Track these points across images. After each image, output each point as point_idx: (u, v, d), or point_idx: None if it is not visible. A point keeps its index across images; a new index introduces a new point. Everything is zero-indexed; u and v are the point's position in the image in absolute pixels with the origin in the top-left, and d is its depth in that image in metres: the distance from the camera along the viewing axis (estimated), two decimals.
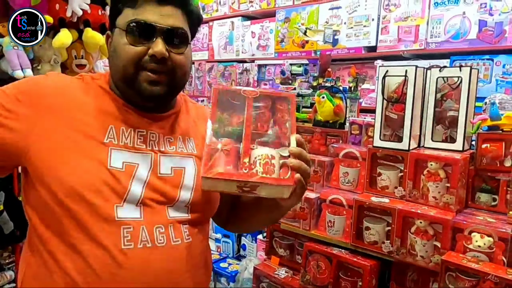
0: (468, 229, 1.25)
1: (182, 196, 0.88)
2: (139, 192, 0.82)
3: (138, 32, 0.82)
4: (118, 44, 0.84)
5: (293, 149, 0.79)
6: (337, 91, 1.81)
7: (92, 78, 0.91)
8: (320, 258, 1.54)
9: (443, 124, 1.46)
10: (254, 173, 0.75)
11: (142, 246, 0.80)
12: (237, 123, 0.82)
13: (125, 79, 0.85)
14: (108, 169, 0.80)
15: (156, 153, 0.87)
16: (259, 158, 0.77)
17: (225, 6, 3.66)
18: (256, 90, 0.85)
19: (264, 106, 0.85)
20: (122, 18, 0.85)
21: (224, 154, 0.77)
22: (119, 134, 0.84)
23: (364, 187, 1.54)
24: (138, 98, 0.86)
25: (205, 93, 3.90)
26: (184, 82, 0.91)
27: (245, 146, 0.78)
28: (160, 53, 0.81)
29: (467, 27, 2.28)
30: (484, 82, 2.23)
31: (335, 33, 2.81)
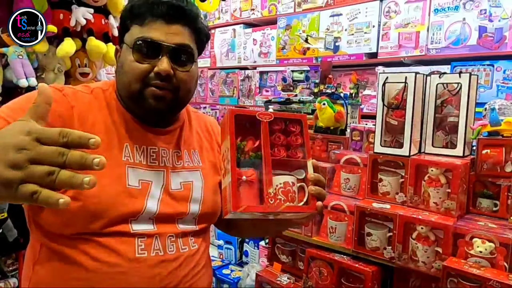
0: (470, 234, 1.25)
1: (191, 209, 0.92)
2: (154, 209, 0.86)
3: (144, 50, 0.84)
4: (125, 61, 0.86)
5: (312, 176, 0.83)
6: (338, 97, 1.82)
7: (102, 90, 0.92)
8: (322, 265, 1.54)
9: (443, 130, 1.47)
10: (280, 203, 0.79)
11: (154, 254, 0.84)
12: (253, 148, 0.83)
13: (131, 95, 0.86)
14: (127, 188, 0.83)
15: (167, 170, 0.91)
16: (280, 186, 0.81)
17: (227, 14, 3.69)
18: (271, 113, 0.86)
19: (278, 129, 0.87)
20: (130, 35, 0.86)
21: (247, 185, 0.80)
22: (134, 152, 0.87)
23: (366, 193, 1.54)
24: (143, 112, 0.89)
25: (207, 100, 3.92)
26: (188, 98, 0.93)
27: (268, 176, 0.80)
28: (165, 71, 0.83)
29: (468, 33, 2.29)
30: (485, 88, 2.24)
31: (336, 40, 2.83)
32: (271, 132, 0.85)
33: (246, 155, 0.82)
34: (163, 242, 0.85)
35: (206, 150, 1.02)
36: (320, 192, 0.82)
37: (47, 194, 0.48)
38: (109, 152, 0.84)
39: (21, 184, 0.49)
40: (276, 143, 0.85)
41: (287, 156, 0.85)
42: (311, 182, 0.82)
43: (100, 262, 0.79)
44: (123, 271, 0.80)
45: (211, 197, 0.96)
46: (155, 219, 0.86)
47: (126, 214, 0.82)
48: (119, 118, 0.88)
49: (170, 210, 0.88)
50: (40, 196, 0.48)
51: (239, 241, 2.64)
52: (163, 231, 0.86)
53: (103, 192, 0.79)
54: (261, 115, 0.85)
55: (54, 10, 1.90)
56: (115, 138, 0.86)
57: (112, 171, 0.82)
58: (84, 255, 0.79)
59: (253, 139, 0.84)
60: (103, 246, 0.80)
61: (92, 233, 0.80)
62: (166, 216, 0.87)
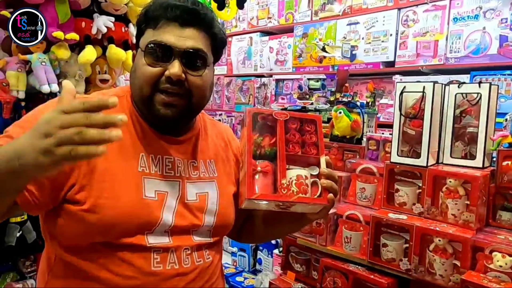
0: (489, 248, 1.22)
1: (206, 221, 0.90)
2: (170, 221, 0.85)
3: (155, 53, 0.82)
4: (137, 64, 0.85)
5: (324, 171, 0.85)
6: (354, 106, 1.81)
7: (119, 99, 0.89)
8: (337, 275, 1.52)
9: (462, 140, 1.44)
10: (292, 193, 0.83)
11: (170, 267, 0.83)
12: (269, 144, 0.88)
13: (142, 99, 0.85)
14: (143, 199, 0.82)
15: (183, 180, 0.89)
16: (294, 178, 0.84)
17: (244, 22, 3.72)
18: (286, 113, 0.91)
19: (294, 127, 0.90)
20: (144, 39, 0.86)
21: (262, 175, 0.84)
22: (150, 162, 0.86)
23: (382, 203, 1.52)
24: (154, 119, 0.87)
25: (223, 107, 3.95)
26: (202, 105, 0.91)
27: (281, 168, 0.85)
28: (176, 75, 0.81)
29: (488, 42, 2.26)
30: (506, 98, 2.19)
31: (353, 48, 2.82)
32: (286, 130, 0.89)
33: (262, 150, 0.87)
34: (179, 255, 0.85)
35: (221, 160, 1.00)
36: (332, 186, 0.84)
37: (83, 148, 0.56)
38: (125, 163, 0.83)
39: (55, 148, 0.56)
40: (291, 140, 0.89)
41: (301, 152, 0.89)
42: (323, 176, 0.84)
43: (115, 275, 0.79)
44: (139, 284, 0.80)
45: (226, 209, 0.95)
46: (171, 231, 0.85)
47: (142, 225, 0.81)
48: (134, 127, 0.87)
49: (185, 222, 0.87)
50: (79, 152, 0.56)
51: (253, 249, 2.63)
52: (179, 244, 0.85)
53: (119, 203, 0.79)
54: (278, 114, 0.89)
55: (76, 18, 1.95)
56: (131, 148, 0.85)
57: (128, 181, 0.82)
58: (99, 268, 0.79)
59: (270, 136, 0.88)
60: (118, 259, 0.80)
61: (107, 245, 0.80)
62: (181, 228, 0.86)
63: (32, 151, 0.58)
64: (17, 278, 2.00)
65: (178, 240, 0.86)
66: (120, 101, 0.88)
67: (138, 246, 0.81)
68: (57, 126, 0.56)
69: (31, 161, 0.58)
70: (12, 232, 1.91)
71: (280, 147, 0.86)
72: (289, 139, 0.89)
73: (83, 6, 1.95)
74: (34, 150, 0.57)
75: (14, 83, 1.81)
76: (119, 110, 0.87)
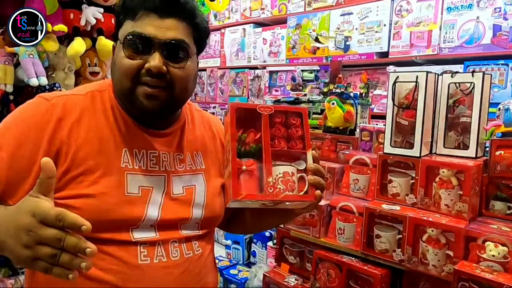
0: (482, 238, 1.22)
1: (194, 214, 0.89)
2: (156, 215, 0.83)
3: (135, 45, 0.80)
4: (117, 57, 0.83)
5: (311, 166, 0.84)
6: (348, 97, 1.80)
7: (99, 92, 0.88)
8: (330, 266, 1.52)
9: (455, 130, 1.44)
10: (279, 192, 0.81)
11: (158, 260, 0.82)
12: (254, 140, 0.85)
13: (123, 93, 0.83)
14: (126, 195, 0.81)
15: (168, 174, 0.88)
16: (280, 175, 0.82)
17: (237, 13, 3.68)
18: (271, 106, 0.88)
19: (279, 121, 0.88)
20: (122, 30, 0.83)
21: (248, 174, 0.82)
22: (133, 157, 0.84)
23: (375, 194, 1.52)
24: (136, 112, 0.85)
25: (217, 100, 3.92)
26: (184, 97, 0.88)
27: (267, 166, 0.83)
28: (156, 67, 0.79)
29: (481, 32, 2.25)
30: (499, 88, 2.19)
31: (347, 39, 2.80)
32: (271, 124, 0.86)
33: (246, 147, 0.84)
34: (166, 248, 0.83)
35: (210, 151, 0.98)
36: (319, 182, 0.83)
37: (57, 270, 0.59)
38: (107, 159, 0.81)
39: (34, 261, 0.60)
40: (277, 135, 0.87)
41: (287, 147, 0.87)
42: (310, 172, 0.83)
43: (100, 270, 0.78)
44: (126, 279, 0.79)
45: (214, 201, 0.94)
46: (157, 225, 0.84)
47: (126, 222, 0.80)
48: (116, 122, 0.85)
49: (172, 216, 0.86)
50: (53, 272, 0.59)
51: (247, 242, 2.63)
52: (166, 238, 0.84)
53: (101, 201, 0.78)
54: (262, 108, 0.86)
55: (64, 9, 1.91)
56: (112, 144, 0.83)
57: (110, 179, 0.80)
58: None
59: (255, 131, 0.86)
60: (104, 253, 0.78)
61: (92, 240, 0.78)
62: (168, 222, 0.85)
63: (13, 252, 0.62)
64: (9, 273, 1.98)
65: (165, 234, 0.85)
66: (100, 96, 0.87)
67: (123, 241, 0.80)
68: (36, 240, 0.59)
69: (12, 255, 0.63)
70: None
71: (265, 143, 0.83)
72: (274, 134, 0.86)
73: None
74: (15, 254, 0.62)
75: (2, 76, 1.77)
76: (97, 106, 0.85)
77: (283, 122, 0.88)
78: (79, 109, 0.83)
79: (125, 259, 0.79)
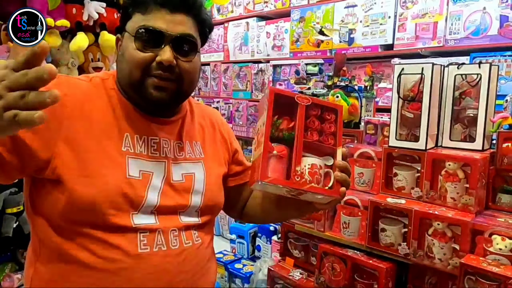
0: (489, 231, 1.21)
1: (193, 201, 0.90)
2: (155, 200, 0.84)
3: (146, 38, 0.82)
4: (126, 49, 0.84)
5: (340, 163, 0.83)
6: (352, 90, 1.78)
7: (101, 79, 0.90)
8: (335, 260, 1.51)
9: (461, 123, 1.42)
10: (305, 182, 0.80)
11: (157, 249, 0.83)
12: (288, 128, 0.85)
13: (132, 84, 0.85)
14: (127, 178, 0.81)
15: (168, 161, 0.89)
16: (308, 167, 0.82)
17: (240, 7, 3.66)
18: (309, 98, 0.87)
19: (314, 114, 0.87)
20: (132, 23, 0.85)
21: (277, 159, 0.82)
22: (134, 142, 0.85)
23: (380, 187, 1.50)
24: (144, 103, 0.87)
25: (220, 94, 3.91)
26: (191, 89, 0.92)
27: (297, 155, 0.82)
28: (168, 60, 0.81)
29: (488, 23, 2.21)
30: (506, 79, 2.16)
31: (351, 32, 2.77)
32: (307, 115, 0.86)
33: (280, 133, 0.84)
34: (166, 237, 0.84)
35: (208, 142, 1.00)
36: (346, 179, 0.82)
37: (25, 113, 0.53)
38: (109, 142, 0.82)
39: (4, 112, 0.54)
40: (310, 127, 0.86)
41: (319, 140, 0.86)
42: (338, 169, 0.82)
43: (101, 259, 0.78)
44: (126, 267, 0.79)
45: (213, 189, 0.95)
46: (157, 211, 0.84)
47: (126, 203, 0.80)
48: (119, 108, 0.87)
49: (171, 202, 0.87)
50: (20, 116, 0.53)
51: (252, 236, 2.63)
52: (166, 225, 0.85)
53: (103, 182, 0.79)
54: (300, 98, 0.86)
55: (67, 4, 1.91)
56: (115, 128, 0.84)
57: (112, 161, 0.81)
58: (84, 251, 0.78)
59: (289, 119, 0.85)
60: (103, 242, 0.79)
61: (93, 227, 0.79)
62: (167, 208, 0.86)
63: None
64: (16, 268, 2.00)
65: (165, 221, 0.85)
66: (103, 84, 0.88)
67: (124, 227, 0.80)
68: (6, 86, 0.55)
69: None
70: (9, 223, 1.91)
71: (299, 133, 0.83)
72: (308, 126, 0.86)
73: None
74: None
75: None
76: (101, 91, 0.87)
77: (318, 115, 0.88)
78: (83, 91, 0.85)
79: (125, 248, 0.79)
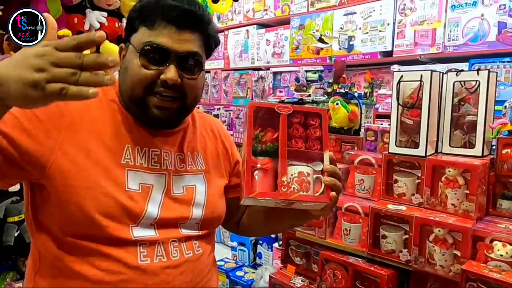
0: (490, 237, 1.21)
1: (194, 214, 0.90)
2: (155, 213, 0.83)
3: (152, 55, 0.80)
4: (130, 63, 0.83)
5: (327, 167, 0.82)
6: (352, 97, 1.79)
7: (102, 90, 0.86)
8: (336, 267, 1.51)
9: (461, 129, 1.43)
10: (292, 191, 0.79)
11: (157, 260, 0.82)
12: (271, 139, 0.84)
13: (133, 99, 0.84)
14: (126, 191, 0.81)
15: (169, 173, 0.88)
16: (295, 175, 0.81)
17: (240, 15, 3.69)
18: (290, 106, 0.87)
19: (297, 121, 0.87)
20: (138, 36, 0.83)
21: (262, 173, 0.81)
22: (135, 154, 0.84)
23: (380, 194, 1.51)
24: (145, 119, 0.86)
25: (221, 102, 3.93)
26: (194, 105, 0.91)
27: (282, 165, 0.82)
28: (172, 79, 0.80)
29: (486, 29, 2.23)
30: (505, 85, 2.17)
31: (350, 39, 2.79)
32: (290, 124, 0.86)
33: (263, 145, 0.84)
34: (166, 248, 0.83)
35: (210, 153, 0.99)
36: (335, 183, 0.81)
37: (76, 88, 0.55)
38: (108, 154, 0.81)
39: (47, 84, 0.55)
40: (294, 135, 0.86)
41: (304, 148, 0.86)
42: (326, 173, 0.81)
43: (101, 271, 0.78)
44: (126, 279, 0.79)
45: (214, 201, 0.94)
46: (156, 224, 0.84)
47: (125, 217, 0.80)
48: (120, 120, 0.86)
49: (172, 214, 0.86)
50: (70, 91, 0.55)
51: (253, 243, 2.63)
52: (166, 237, 0.84)
53: (101, 194, 0.78)
54: (280, 108, 0.85)
55: (68, 14, 1.92)
56: (115, 140, 0.83)
57: (111, 173, 0.80)
58: (84, 264, 0.78)
59: (273, 131, 0.85)
60: (103, 255, 0.78)
61: (92, 239, 0.78)
62: (167, 221, 0.85)
63: (18, 81, 0.56)
64: (16, 277, 2.00)
65: (165, 233, 0.84)
66: (104, 94, 0.87)
67: (123, 240, 0.79)
68: (51, 62, 0.56)
69: (16, 90, 0.56)
70: (10, 232, 1.90)
71: (282, 142, 0.83)
72: (291, 134, 0.85)
73: (75, 2, 1.92)
74: (21, 81, 0.55)
75: None
76: (102, 102, 0.86)
77: (302, 122, 0.87)
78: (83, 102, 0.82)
79: (125, 260, 0.79)
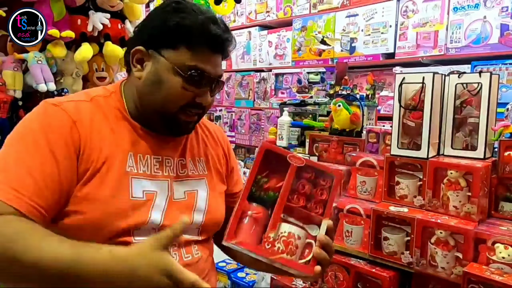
0: (491, 239, 1.20)
1: (195, 219, 0.90)
2: (159, 220, 0.84)
3: (196, 80, 0.83)
4: (167, 80, 0.83)
5: (321, 238, 0.78)
6: (354, 99, 1.79)
7: (104, 98, 0.88)
8: (338, 269, 1.51)
9: (463, 131, 1.43)
10: (276, 251, 0.74)
11: None
12: (274, 187, 0.80)
13: (162, 113, 0.85)
14: (131, 199, 0.81)
15: (171, 179, 0.89)
16: (284, 234, 0.76)
17: (242, 16, 3.70)
18: (303, 159, 0.81)
19: (307, 177, 0.81)
20: (177, 56, 0.83)
21: (252, 221, 0.77)
22: (137, 161, 0.85)
23: (382, 196, 1.51)
24: (165, 130, 0.88)
25: (223, 103, 3.94)
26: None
27: (274, 219, 0.77)
28: (208, 103, 0.87)
29: (488, 31, 2.23)
30: (507, 88, 2.17)
31: (352, 41, 2.80)
32: (298, 177, 0.80)
33: (262, 192, 0.79)
34: None
35: (212, 158, 1.00)
36: (325, 257, 0.77)
37: None
38: (112, 162, 0.81)
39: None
40: (299, 191, 0.80)
41: (305, 207, 0.80)
42: (319, 243, 0.77)
43: None
44: None
45: (216, 207, 0.95)
46: (158, 230, 0.83)
47: (130, 226, 0.80)
48: (123, 127, 0.86)
49: (174, 221, 0.83)
50: None
51: None
52: None
53: (106, 205, 0.78)
54: (292, 158, 0.80)
55: (72, 15, 1.93)
56: (118, 148, 0.83)
57: (115, 182, 0.80)
58: None
59: (278, 178, 0.80)
60: None
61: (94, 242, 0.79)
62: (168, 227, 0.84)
63: None
64: None
65: None
66: (105, 102, 0.87)
67: (124, 243, 0.79)
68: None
69: None
70: None
71: (282, 195, 0.77)
72: (296, 189, 0.79)
73: (78, 3, 1.93)
74: None
75: (11, 82, 1.80)
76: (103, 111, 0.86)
77: (311, 179, 0.81)
78: (88, 113, 0.83)
79: None
